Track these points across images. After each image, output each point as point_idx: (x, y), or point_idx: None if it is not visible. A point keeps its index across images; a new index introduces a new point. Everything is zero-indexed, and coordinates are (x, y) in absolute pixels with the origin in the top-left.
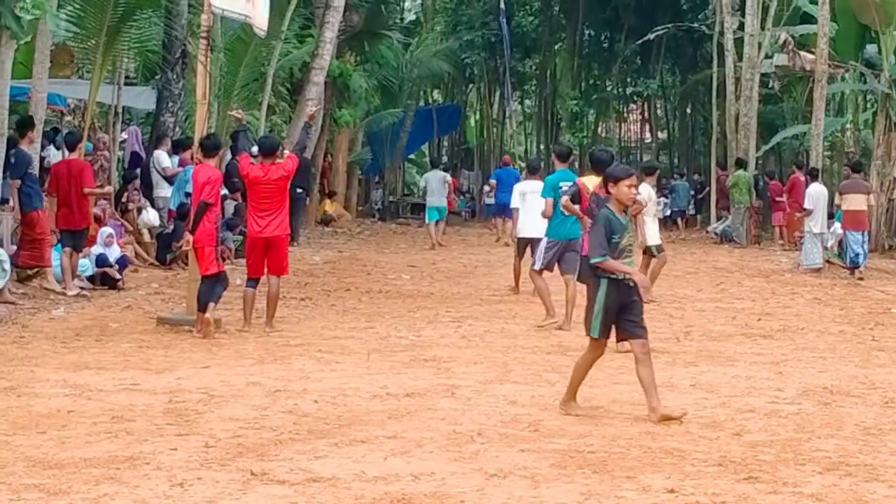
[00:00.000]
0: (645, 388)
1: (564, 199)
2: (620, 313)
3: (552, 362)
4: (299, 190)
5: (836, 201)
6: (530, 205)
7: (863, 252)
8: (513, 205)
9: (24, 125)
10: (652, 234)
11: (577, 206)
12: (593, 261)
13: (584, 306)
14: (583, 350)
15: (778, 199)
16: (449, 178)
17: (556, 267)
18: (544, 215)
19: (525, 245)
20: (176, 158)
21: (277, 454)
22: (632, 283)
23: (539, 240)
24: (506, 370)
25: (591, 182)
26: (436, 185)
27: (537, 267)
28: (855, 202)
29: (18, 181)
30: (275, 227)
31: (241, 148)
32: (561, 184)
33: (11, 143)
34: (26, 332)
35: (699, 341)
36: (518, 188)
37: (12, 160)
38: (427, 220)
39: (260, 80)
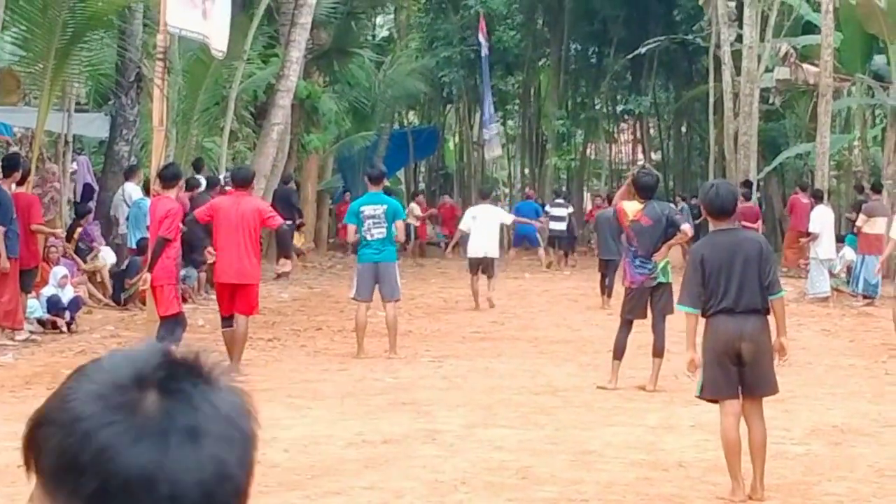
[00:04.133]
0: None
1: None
2: None
3: (540, 403)
4: (287, 223)
5: (859, 223)
6: (480, 227)
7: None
8: (463, 227)
9: (9, 165)
10: None
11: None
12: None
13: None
14: (573, 388)
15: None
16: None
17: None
18: (348, 241)
19: (477, 264)
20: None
21: None
22: None
23: (492, 258)
24: (490, 413)
25: (631, 208)
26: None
27: (352, 295)
28: (878, 225)
29: (2, 227)
30: (243, 268)
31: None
32: (362, 208)
33: None
34: None
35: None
36: (470, 212)
37: None
38: None
39: (222, 105)
